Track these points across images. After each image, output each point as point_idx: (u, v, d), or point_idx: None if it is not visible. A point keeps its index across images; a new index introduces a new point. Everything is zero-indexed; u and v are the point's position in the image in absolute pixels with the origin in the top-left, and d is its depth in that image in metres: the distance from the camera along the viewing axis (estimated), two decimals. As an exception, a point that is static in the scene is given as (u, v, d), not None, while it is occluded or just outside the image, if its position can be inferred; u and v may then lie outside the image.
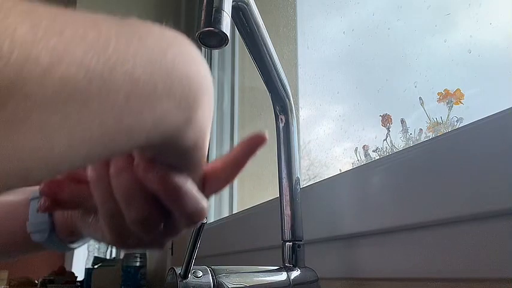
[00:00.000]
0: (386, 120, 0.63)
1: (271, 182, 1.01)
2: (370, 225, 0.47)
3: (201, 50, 0.37)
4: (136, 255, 1.33)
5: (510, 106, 0.34)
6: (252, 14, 0.45)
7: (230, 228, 0.89)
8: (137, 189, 0.26)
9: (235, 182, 1.12)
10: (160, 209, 0.27)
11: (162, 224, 0.28)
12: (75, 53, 0.15)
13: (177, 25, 1.55)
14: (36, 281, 1.79)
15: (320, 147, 0.84)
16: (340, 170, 0.66)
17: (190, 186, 0.26)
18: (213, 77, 1.28)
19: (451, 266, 0.38)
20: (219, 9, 0.36)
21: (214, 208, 1.17)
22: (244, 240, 0.79)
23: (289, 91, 0.53)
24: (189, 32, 1.45)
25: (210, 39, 0.37)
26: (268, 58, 0.49)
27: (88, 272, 1.63)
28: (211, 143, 1.20)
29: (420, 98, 0.58)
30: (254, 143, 0.28)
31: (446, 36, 0.57)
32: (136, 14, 0.20)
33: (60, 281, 1.69)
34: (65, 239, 0.36)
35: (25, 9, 0.14)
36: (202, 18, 0.36)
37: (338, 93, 0.81)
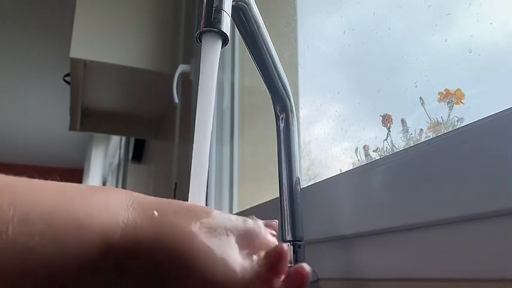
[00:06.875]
0: (386, 120, 0.63)
1: (271, 182, 1.00)
2: (370, 225, 0.47)
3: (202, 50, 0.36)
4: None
5: (511, 106, 0.34)
6: (252, 14, 0.45)
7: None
8: None
9: (235, 181, 1.12)
10: None
11: None
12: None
13: (177, 25, 1.55)
14: (37, 281, 1.79)
15: (320, 147, 0.84)
16: (341, 170, 0.66)
17: None
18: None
19: (451, 266, 0.38)
20: (219, 9, 0.36)
21: (215, 208, 1.16)
22: (244, 240, 0.79)
23: (290, 91, 0.53)
24: (189, 32, 1.45)
25: (210, 39, 0.37)
26: (268, 58, 0.48)
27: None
28: (212, 143, 1.20)
29: (421, 98, 0.58)
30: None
31: (447, 36, 0.57)
32: (136, 14, 0.20)
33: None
34: None
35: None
36: (202, 18, 0.36)
37: (338, 93, 0.81)
